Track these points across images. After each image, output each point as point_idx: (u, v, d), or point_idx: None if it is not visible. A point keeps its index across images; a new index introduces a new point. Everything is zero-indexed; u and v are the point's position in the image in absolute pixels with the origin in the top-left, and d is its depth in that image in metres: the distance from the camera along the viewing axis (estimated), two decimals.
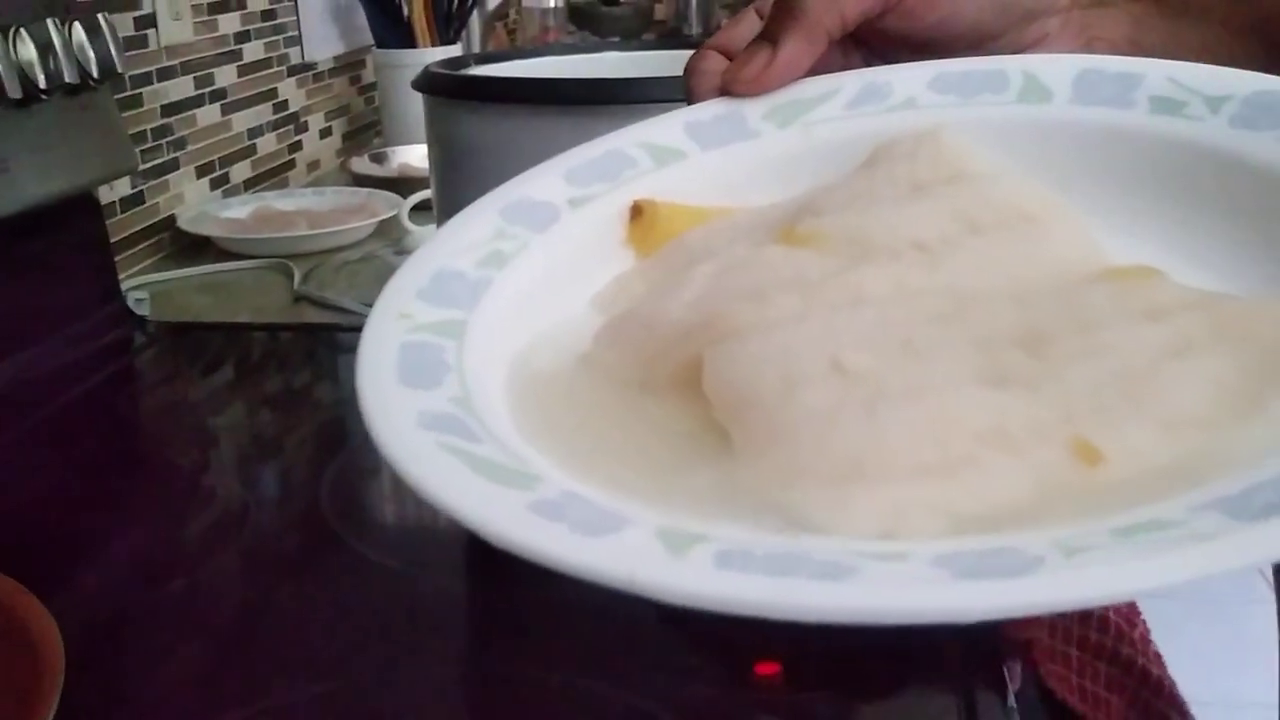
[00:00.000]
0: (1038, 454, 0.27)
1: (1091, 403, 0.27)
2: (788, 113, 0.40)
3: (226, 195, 1.20)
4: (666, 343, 0.32)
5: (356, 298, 0.91)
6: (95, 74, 0.80)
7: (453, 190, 0.74)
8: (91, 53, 0.79)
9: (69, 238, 0.84)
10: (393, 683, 0.46)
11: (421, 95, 0.74)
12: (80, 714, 0.41)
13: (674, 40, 1.97)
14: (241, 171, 1.25)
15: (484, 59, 0.82)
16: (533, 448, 0.28)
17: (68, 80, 0.77)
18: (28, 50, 0.74)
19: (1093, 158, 0.37)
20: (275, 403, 0.78)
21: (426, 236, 0.35)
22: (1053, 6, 0.42)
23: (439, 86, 0.72)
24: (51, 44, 0.76)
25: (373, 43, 1.43)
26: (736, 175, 0.40)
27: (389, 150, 1.36)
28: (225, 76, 1.21)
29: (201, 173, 1.17)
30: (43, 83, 0.75)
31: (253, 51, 1.27)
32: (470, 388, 0.29)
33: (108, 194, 0.99)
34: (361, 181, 1.27)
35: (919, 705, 0.44)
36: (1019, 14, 0.41)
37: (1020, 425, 0.27)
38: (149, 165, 1.07)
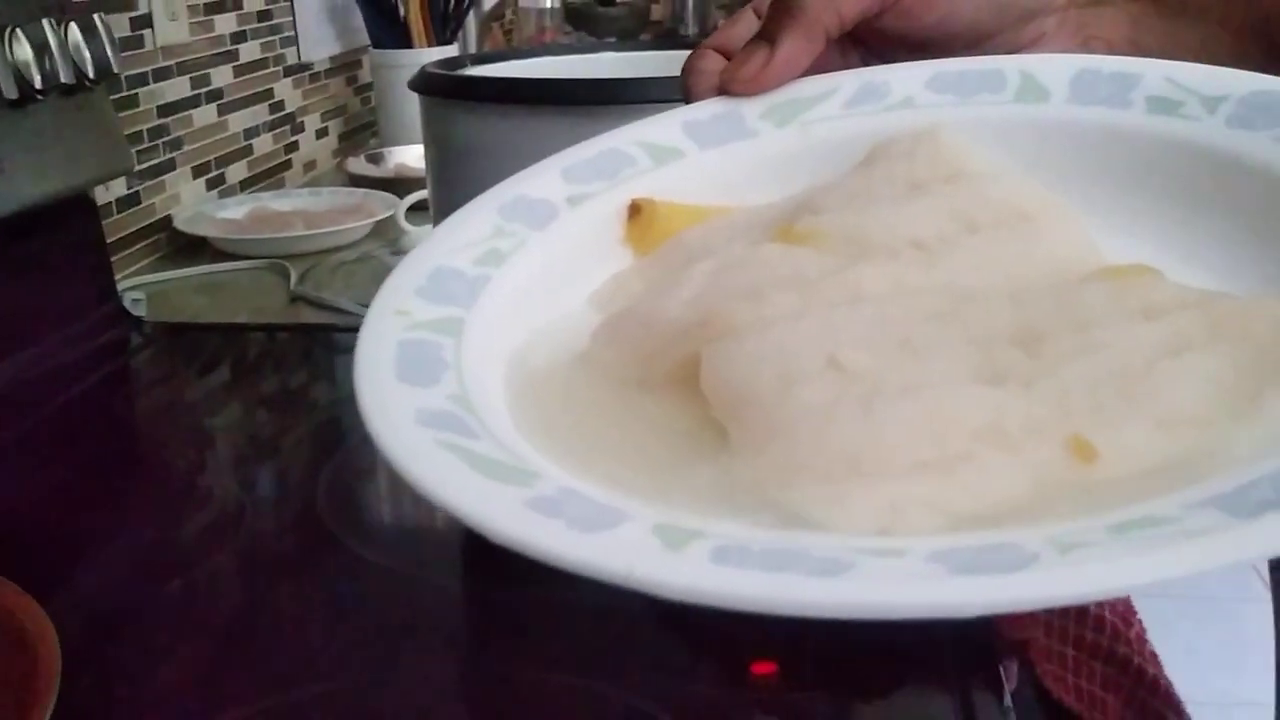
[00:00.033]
0: (1034, 452, 0.27)
1: (1088, 401, 0.28)
2: (786, 112, 0.41)
3: (223, 195, 1.20)
4: (664, 341, 0.32)
5: (353, 298, 0.91)
6: (91, 74, 0.80)
7: (449, 190, 0.74)
8: (87, 53, 0.79)
9: (65, 238, 0.84)
10: (390, 683, 0.46)
11: (418, 96, 0.74)
12: (77, 714, 0.41)
13: (670, 41, 1.97)
14: (238, 172, 1.25)
15: (480, 59, 0.82)
16: (530, 445, 0.28)
17: (63, 80, 0.77)
18: (23, 50, 0.74)
19: (1090, 157, 0.38)
20: (272, 403, 0.78)
21: (423, 237, 0.35)
22: (1049, 6, 0.42)
23: (435, 87, 0.72)
24: (47, 44, 0.76)
25: (369, 43, 1.42)
26: (734, 174, 0.40)
27: (385, 150, 1.36)
28: (221, 77, 1.21)
29: (198, 173, 1.17)
30: (38, 83, 0.75)
31: (249, 52, 1.26)
32: (468, 385, 0.29)
33: (104, 194, 0.99)
34: (358, 182, 1.27)
35: (916, 705, 0.44)
36: (1016, 14, 0.41)
37: (1017, 423, 0.27)
38: (145, 166, 1.07)
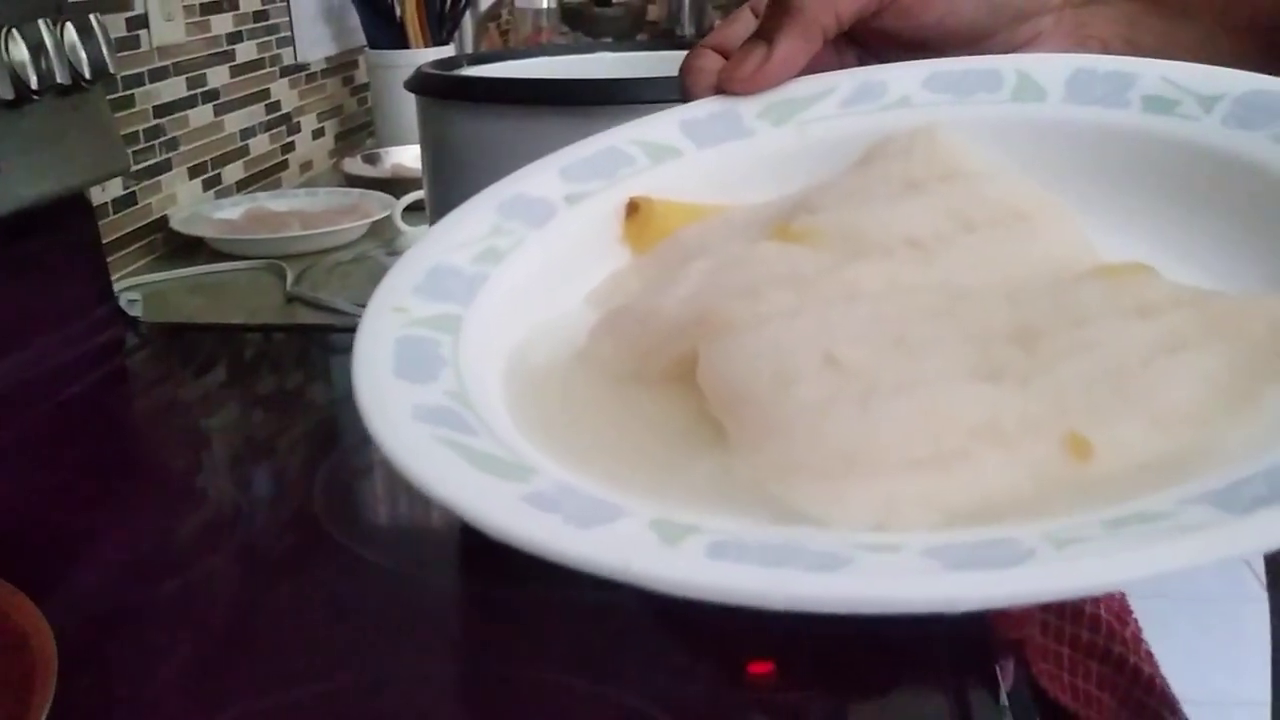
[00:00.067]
0: (1030, 448, 0.27)
1: (1083, 398, 0.28)
2: (783, 111, 0.41)
3: (219, 196, 1.20)
4: (661, 338, 0.32)
5: (349, 298, 0.91)
6: (87, 74, 0.80)
7: (446, 191, 0.74)
8: (83, 53, 0.79)
9: (61, 239, 0.84)
10: (387, 682, 0.46)
11: (414, 96, 0.74)
12: (74, 715, 0.41)
13: (667, 41, 1.97)
14: (234, 172, 1.25)
15: (477, 59, 0.82)
16: (528, 441, 0.28)
17: (59, 81, 0.77)
18: (19, 51, 0.74)
19: (1086, 156, 0.38)
20: (268, 403, 0.78)
21: (419, 237, 0.35)
22: (1046, 5, 0.42)
23: (432, 87, 0.72)
24: (43, 44, 0.76)
25: (365, 43, 1.42)
26: (732, 173, 0.40)
27: (382, 151, 1.36)
28: (218, 77, 1.21)
29: (194, 173, 1.17)
30: (34, 83, 0.75)
31: (245, 52, 1.26)
32: (466, 382, 0.29)
33: (100, 195, 0.99)
34: (354, 182, 1.27)
35: (912, 704, 0.44)
36: (1012, 13, 0.41)
37: (1013, 420, 0.27)
38: (141, 166, 1.07)
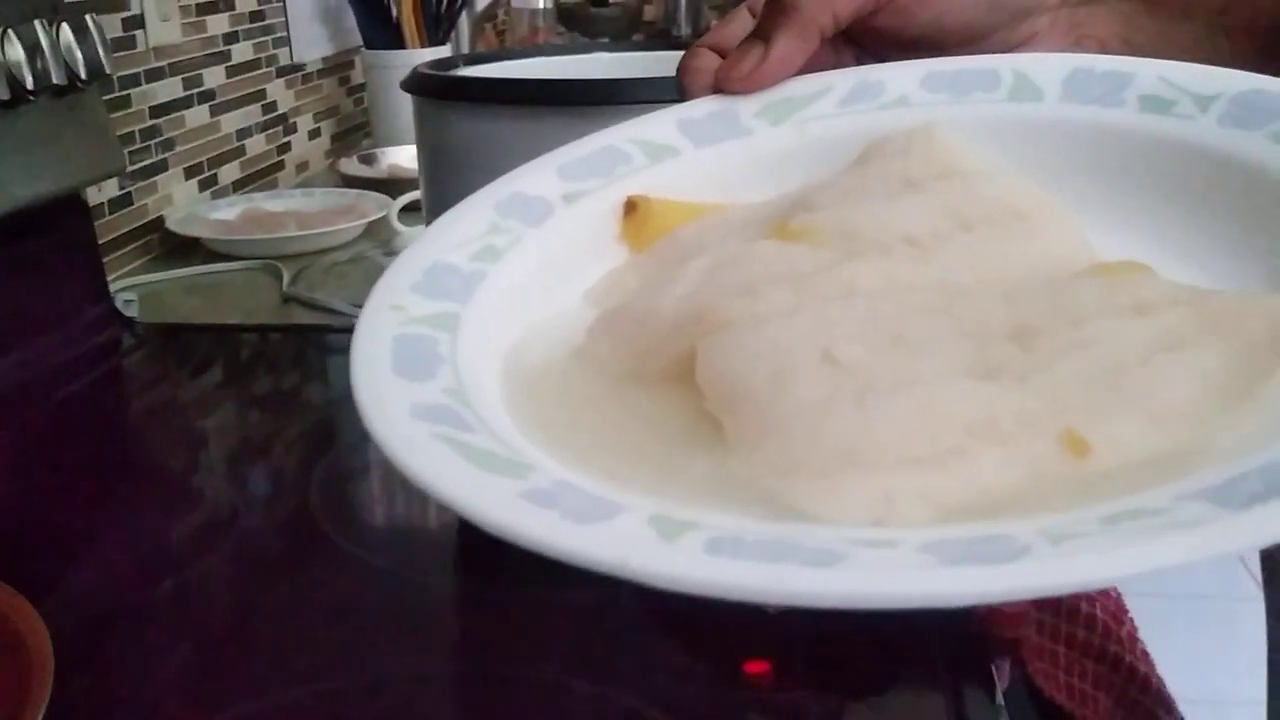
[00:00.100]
0: (1027, 446, 0.27)
1: (1080, 396, 0.28)
2: (780, 110, 0.41)
3: (215, 196, 1.20)
4: (659, 336, 0.32)
5: (345, 299, 0.91)
6: (83, 75, 0.80)
7: (442, 191, 0.74)
8: (79, 53, 0.79)
9: (57, 239, 0.84)
10: (384, 682, 0.46)
11: (410, 96, 0.74)
12: (70, 715, 0.41)
13: (663, 41, 1.97)
14: (230, 173, 1.25)
15: (473, 60, 0.82)
16: (527, 439, 0.28)
17: (55, 81, 0.77)
18: (15, 51, 0.74)
19: (1083, 156, 0.38)
20: (264, 404, 0.78)
21: (415, 237, 0.35)
22: (1042, 5, 0.42)
23: (428, 87, 0.72)
24: (39, 45, 0.76)
25: (361, 44, 1.42)
26: (729, 172, 0.40)
27: (378, 151, 1.36)
28: (214, 78, 1.21)
29: (190, 174, 1.17)
30: (30, 84, 0.75)
31: (241, 53, 1.26)
32: (464, 380, 0.29)
33: (96, 195, 0.99)
34: (350, 182, 1.27)
35: (908, 703, 0.44)
36: (1009, 12, 0.41)
37: (1009, 417, 0.27)
38: (137, 166, 1.07)
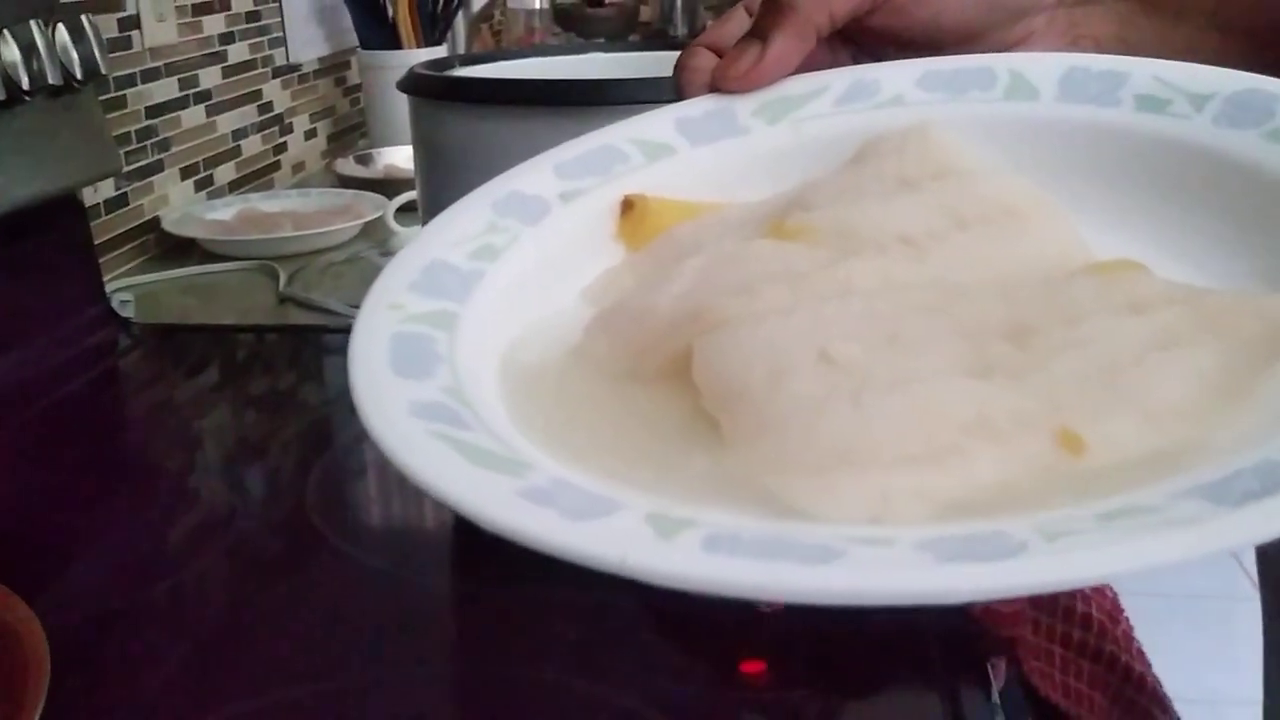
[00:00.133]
0: (1023, 444, 0.27)
1: (1076, 394, 0.28)
2: (777, 109, 0.41)
3: (211, 197, 1.20)
4: (656, 335, 0.32)
5: (342, 299, 0.91)
6: (79, 75, 0.80)
7: (438, 191, 0.74)
8: (75, 54, 0.79)
9: (53, 240, 0.84)
10: (379, 683, 0.46)
11: (406, 96, 0.74)
12: (65, 715, 0.41)
13: (659, 41, 1.97)
14: (226, 173, 1.25)
15: (469, 60, 0.82)
16: (524, 438, 0.28)
17: (51, 82, 0.77)
18: (11, 51, 0.74)
19: (1078, 155, 0.38)
20: (260, 404, 0.78)
21: (412, 238, 0.35)
22: (1038, 5, 0.42)
23: (424, 88, 0.72)
24: (35, 45, 0.76)
25: (357, 44, 1.42)
26: (726, 171, 0.40)
27: (374, 151, 1.36)
28: (210, 78, 1.21)
29: (186, 174, 1.16)
30: (26, 84, 0.75)
31: (237, 53, 1.26)
32: (462, 378, 0.29)
33: (92, 196, 0.99)
34: (347, 183, 1.27)
35: (904, 703, 0.45)
36: (1005, 12, 0.41)
37: (1005, 415, 0.27)
38: (133, 167, 1.07)
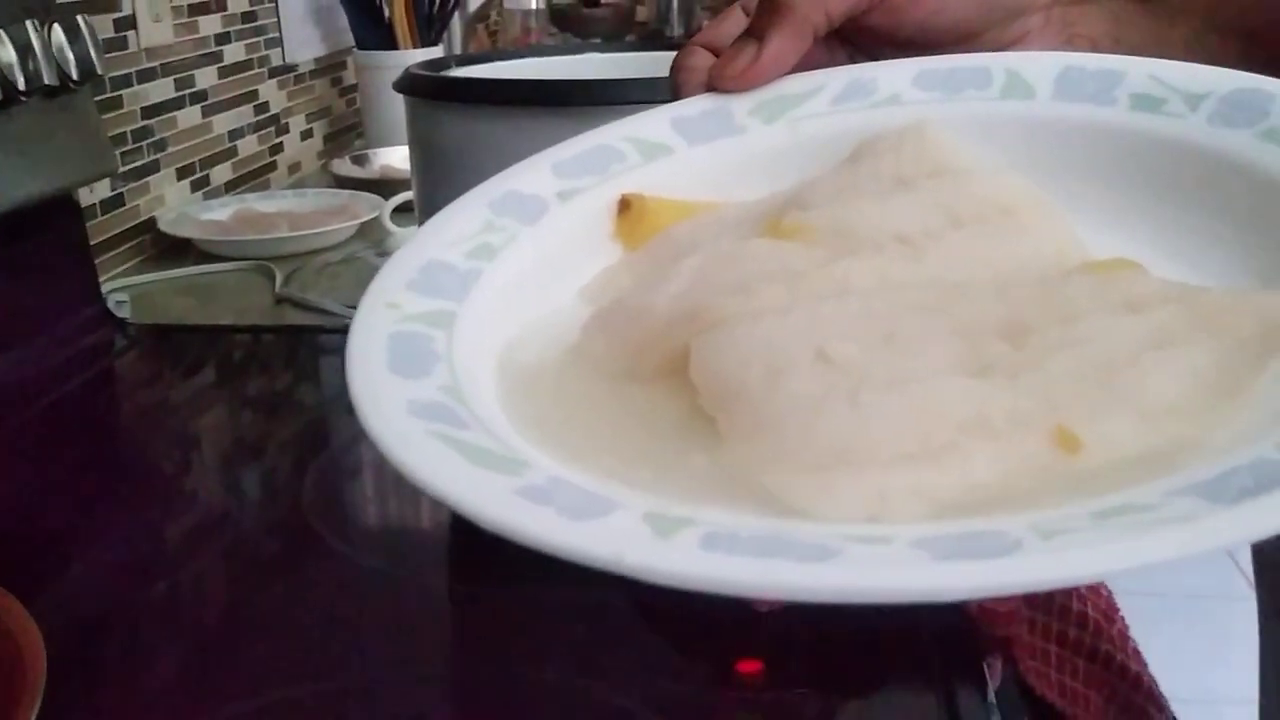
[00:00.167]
0: (1019, 442, 0.27)
1: (1072, 392, 0.28)
2: (774, 108, 0.41)
3: (207, 197, 1.19)
4: (653, 334, 0.32)
5: (338, 299, 0.91)
6: (75, 76, 0.79)
7: (434, 191, 0.74)
8: (71, 54, 0.79)
9: (49, 240, 0.83)
10: (375, 683, 0.46)
11: (403, 97, 0.74)
12: (62, 716, 0.41)
13: (655, 42, 1.98)
14: (222, 173, 1.24)
15: (465, 60, 0.82)
16: (522, 437, 0.28)
17: (47, 82, 0.77)
18: (6, 52, 0.74)
19: (1074, 153, 0.38)
20: (257, 405, 0.77)
21: (408, 238, 0.35)
22: (1034, 4, 0.42)
23: (420, 88, 0.72)
24: (30, 46, 0.76)
25: (354, 44, 1.42)
26: (723, 170, 0.40)
27: (370, 152, 1.36)
28: (206, 78, 1.20)
29: (182, 175, 1.16)
30: (22, 84, 0.75)
31: (233, 53, 1.26)
32: (459, 377, 0.29)
33: (88, 196, 0.99)
34: (343, 183, 1.26)
35: (900, 702, 0.45)
36: (1001, 11, 0.42)
37: (1001, 414, 0.27)
38: (129, 167, 1.07)
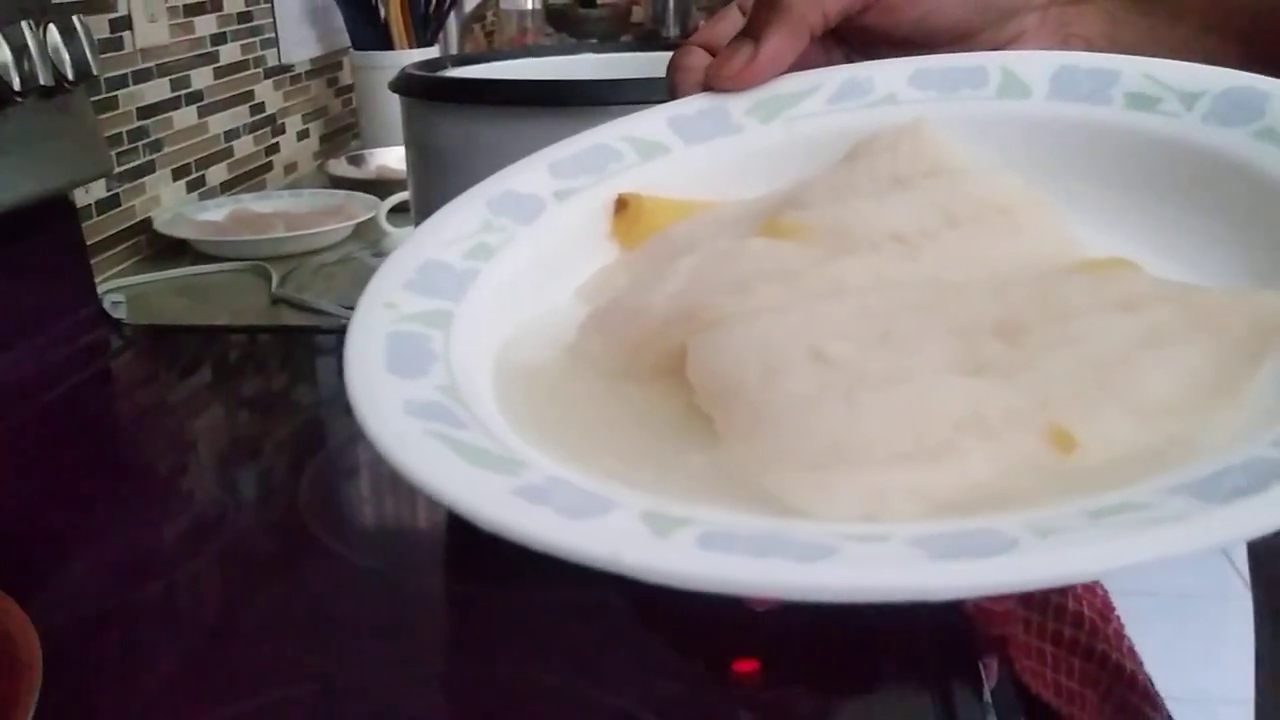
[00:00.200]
0: (1014, 441, 0.27)
1: (1067, 391, 0.28)
2: (770, 108, 0.41)
3: (203, 198, 1.19)
4: (651, 333, 0.32)
5: (334, 300, 0.91)
6: (70, 76, 0.79)
7: (430, 192, 0.74)
8: (66, 55, 0.79)
9: (44, 241, 0.83)
10: (372, 683, 0.46)
11: (399, 97, 0.74)
12: (59, 716, 0.41)
13: (652, 42, 1.98)
14: (218, 174, 1.24)
15: (461, 61, 0.82)
16: (520, 436, 0.28)
17: (43, 82, 0.77)
18: (2, 53, 0.74)
19: (1070, 153, 0.38)
20: (253, 405, 0.77)
21: (404, 238, 0.35)
22: (1030, 4, 0.42)
23: (416, 88, 0.72)
24: (26, 46, 0.76)
25: (349, 45, 1.42)
26: (720, 169, 0.40)
27: (366, 152, 1.36)
28: (201, 79, 1.20)
29: (178, 175, 1.16)
30: (17, 85, 0.75)
31: (229, 53, 1.26)
32: (457, 377, 0.29)
33: (83, 197, 0.99)
34: (339, 183, 1.26)
35: (896, 701, 0.45)
36: (997, 11, 0.42)
37: (997, 413, 0.27)
38: (125, 168, 1.07)
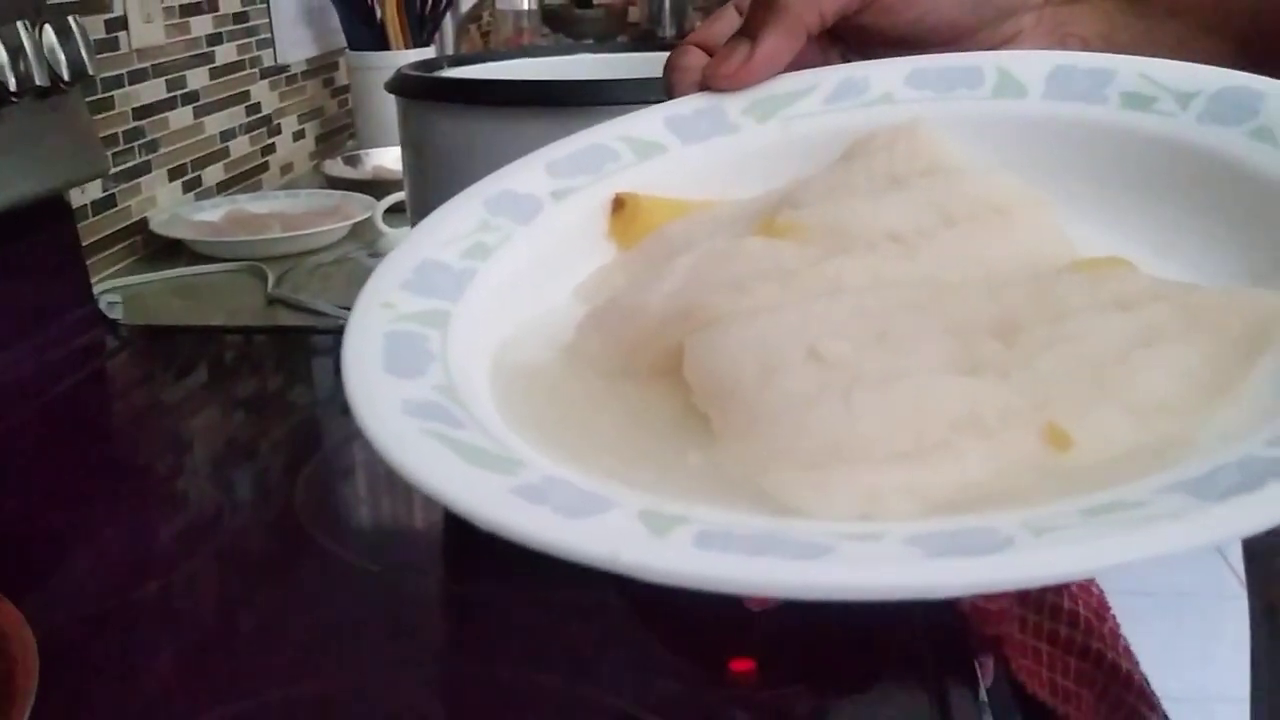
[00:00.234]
0: (1010, 440, 0.27)
1: (1063, 390, 0.28)
2: (767, 107, 0.41)
3: (199, 198, 1.19)
4: (648, 332, 0.32)
5: (330, 300, 0.91)
6: (66, 76, 0.79)
7: (426, 192, 0.74)
8: (62, 55, 0.79)
9: (40, 241, 0.83)
10: (369, 684, 0.46)
11: (395, 98, 0.74)
12: (55, 716, 0.41)
13: (648, 42, 1.98)
14: (214, 174, 1.24)
15: (457, 61, 0.82)
16: (517, 436, 0.28)
17: (38, 83, 0.77)
18: None
19: (1066, 152, 0.38)
20: (249, 406, 0.77)
21: (400, 239, 0.35)
22: (1026, 3, 0.42)
23: (412, 89, 0.72)
24: (22, 46, 0.75)
25: (345, 45, 1.42)
26: (716, 169, 0.40)
27: (362, 153, 1.36)
28: (197, 79, 1.20)
29: (174, 175, 1.16)
30: (13, 85, 0.75)
31: (225, 54, 1.26)
32: (454, 377, 0.29)
33: (79, 197, 0.99)
34: (335, 184, 1.26)
35: (892, 701, 0.45)
36: (993, 11, 0.42)
37: (994, 412, 0.27)
38: (120, 168, 1.06)
